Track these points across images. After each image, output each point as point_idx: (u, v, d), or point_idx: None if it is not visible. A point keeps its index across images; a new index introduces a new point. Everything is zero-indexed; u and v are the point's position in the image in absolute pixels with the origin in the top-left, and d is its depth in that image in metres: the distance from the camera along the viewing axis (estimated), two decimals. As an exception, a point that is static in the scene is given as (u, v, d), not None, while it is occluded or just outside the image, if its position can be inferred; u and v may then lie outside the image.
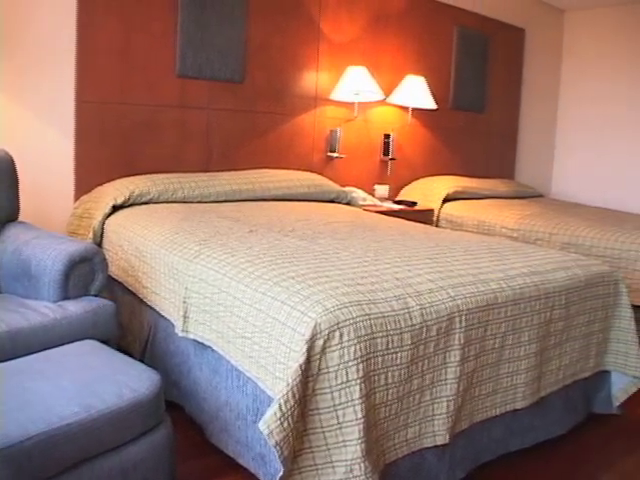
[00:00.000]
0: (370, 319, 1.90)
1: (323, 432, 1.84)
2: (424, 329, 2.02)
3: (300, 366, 1.78)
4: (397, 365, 1.95)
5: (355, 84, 4.49)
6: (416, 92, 4.90)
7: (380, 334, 1.90)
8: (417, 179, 5.30)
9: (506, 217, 4.56)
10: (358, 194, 4.55)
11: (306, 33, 4.45)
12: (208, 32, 3.91)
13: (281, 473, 1.80)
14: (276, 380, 1.92)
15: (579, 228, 4.08)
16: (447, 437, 2.13)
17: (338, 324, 1.83)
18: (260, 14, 4.17)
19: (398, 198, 5.05)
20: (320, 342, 1.81)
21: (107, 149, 3.64)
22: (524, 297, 2.39)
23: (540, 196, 6.12)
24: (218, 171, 4.01)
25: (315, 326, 1.82)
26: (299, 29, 4.41)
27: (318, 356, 1.81)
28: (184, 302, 2.46)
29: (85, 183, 3.55)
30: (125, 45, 3.63)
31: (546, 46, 6.66)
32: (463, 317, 2.14)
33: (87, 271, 2.52)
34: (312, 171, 4.48)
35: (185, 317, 2.46)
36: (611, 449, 2.84)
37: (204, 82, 3.98)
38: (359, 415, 1.81)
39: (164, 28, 3.77)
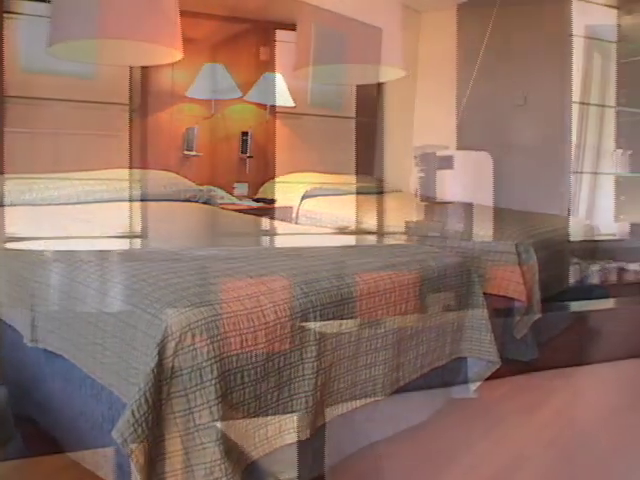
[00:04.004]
0: (222, 319, 1.87)
1: (180, 436, 1.80)
2: (278, 326, 2.02)
3: (152, 370, 1.73)
4: (252, 364, 1.93)
5: (212, 82, 4.44)
6: (274, 90, 4.91)
7: (233, 333, 1.88)
8: (277, 177, 5.30)
9: (365, 212, 4.63)
10: (216, 193, 4.53)
11: (160, 29, 4.34)
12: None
13: (138, 482, 1.76)
14: (130, 386, 1.85)
15: (434, 221, 4.19)
16: (308, 432, 2.14)
17: (190, 325, 1.80)
18: (110, 8, 4.02)
19: (257, 196, 5.04)
20: (172, 344, 1.77)
21: None
22: (379, 290, 2.44)
23: (399, 191, 6.27)
24: (70, 171, 3.85)
25: (166, 328, 1.78)
26: (153, 25, 4.29)
27: (171, 359, 1.77)
28: (31, 310, 2.35)
29: None
30: None
31: (403, 46, 6.83)
32: (318, 313, 2.15)
33: None
34: (168, 170, 4.39)
35: (33, 326, 2.34)
36: (470, 431, 2.95)
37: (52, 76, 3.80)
38: (216, 416, 1.79)
39: None
